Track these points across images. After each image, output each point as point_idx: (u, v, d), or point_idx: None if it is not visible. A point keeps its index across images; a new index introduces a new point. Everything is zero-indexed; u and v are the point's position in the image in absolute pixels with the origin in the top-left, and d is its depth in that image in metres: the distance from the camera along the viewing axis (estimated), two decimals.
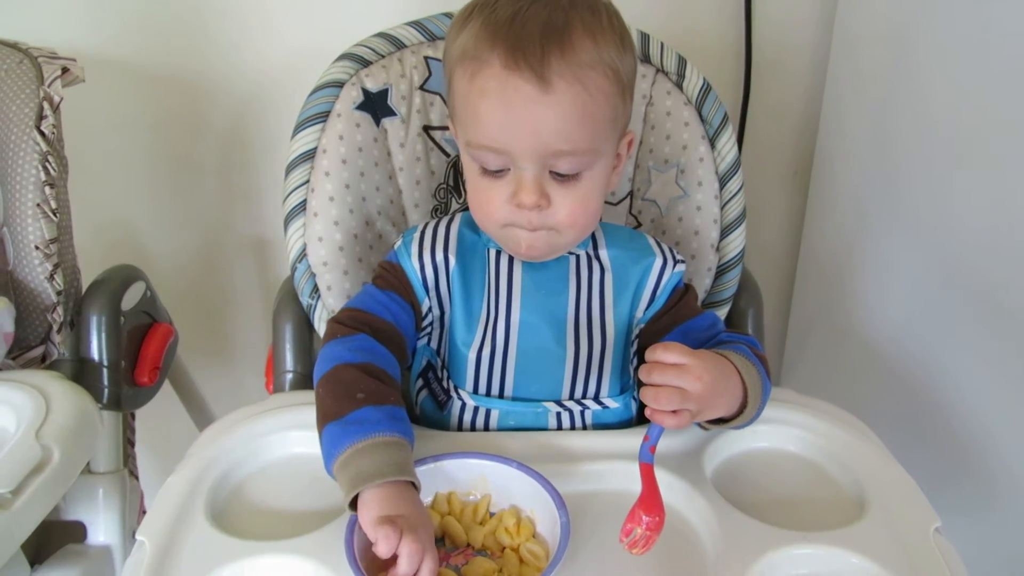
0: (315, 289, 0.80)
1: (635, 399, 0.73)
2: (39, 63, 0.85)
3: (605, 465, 0.64)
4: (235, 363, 1.29)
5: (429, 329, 0.72)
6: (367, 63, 0.81)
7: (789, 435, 0.68)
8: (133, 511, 0.90)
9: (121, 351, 0.86)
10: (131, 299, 0.89)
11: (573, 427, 0.70)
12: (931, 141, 0.85)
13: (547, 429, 0.69)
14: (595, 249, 0.71)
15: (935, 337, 0.87)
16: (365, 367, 0.62)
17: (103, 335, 0.85)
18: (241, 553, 0.55)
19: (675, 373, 0.58)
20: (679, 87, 0.83)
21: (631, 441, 0.65)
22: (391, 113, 0.82)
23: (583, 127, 0.60)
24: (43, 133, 0.81)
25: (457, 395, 0.70)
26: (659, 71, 0.83)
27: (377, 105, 0.81)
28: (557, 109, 0.59)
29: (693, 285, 0.78)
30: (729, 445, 0.67)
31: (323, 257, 0.79)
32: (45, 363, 0.84)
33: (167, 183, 1.16)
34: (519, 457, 0.61)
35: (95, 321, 0.85)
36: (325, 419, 0.59)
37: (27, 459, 0.64)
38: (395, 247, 0.72)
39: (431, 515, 0.59)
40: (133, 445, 0.96)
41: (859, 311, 1.01)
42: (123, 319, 0.87)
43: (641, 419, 0.73)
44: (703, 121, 0.83)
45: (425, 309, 0.70)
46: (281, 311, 0.83)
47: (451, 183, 0.86)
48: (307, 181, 0.79)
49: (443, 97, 0.83)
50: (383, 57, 0.82)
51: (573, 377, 0.69)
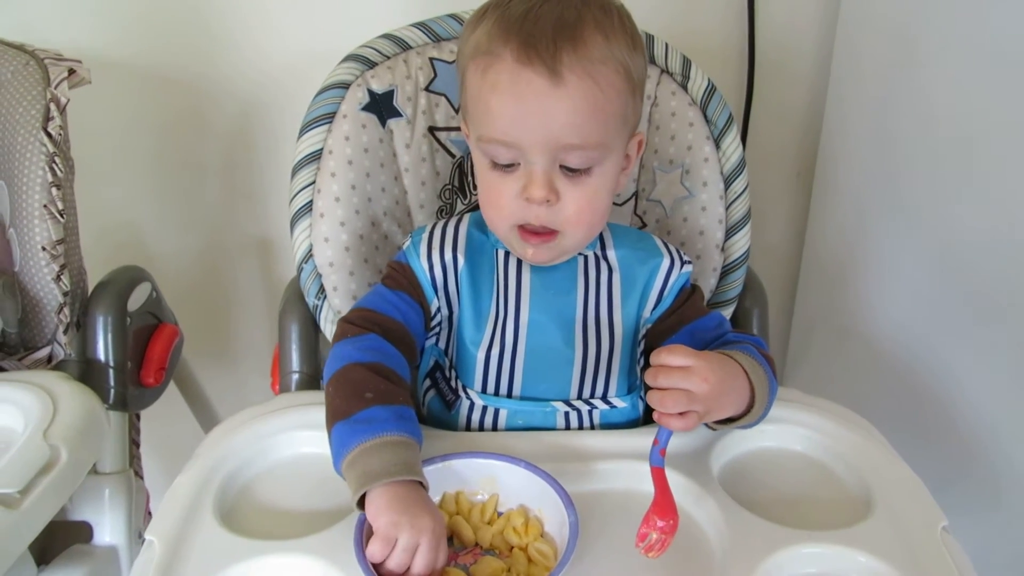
0: (321, 289, 0.80)
1: (642, 399, 0.73)
2: (45, 65, 0.85)
3: (613, 464, 0.64)
4: (239, 364, 1.29)
5: (437, 329, 0.72)
6: (373, 64, 0.81)
7: (795, 435, 0.68)
8: (139, 511, 0.90)
9: (127, 352, 0.87)
10: (137, 300, 0.89)
11: (581, 427, 0.70)
12: (933, 142, 0.85)
13: (555, 429, 0.70)
14: (603, 250, 0.72)
15: (939, 336, 0.87)
16: (374, 367, 0.62)
17: (109, 336, 0.85)
18: (250, 553, 0.56)
19: (680, 376, 0.58)
20: (684, 88, 0.83)
21: (639, 440, 0.66)
22: (397, 114, 0.82)
23: (594, 121, 0.61)
24: (50, 134, 0.81)
25: (466, 394, 0.70)
26: (664, 72, 0.83)
27: (383, 106, 0.81)
28: (568, 102, 0.59)
29: (699, 285, 0.78)
30: (736, 445, 0.67)
31: (329, 258, 0.79)
32: (51, 364, 0.84)
33: (172, 184, 1.17)
34: (527, 457, 0.61)
35: (101, 322, 0.85)
36: (334, 418, 0.59)
37: (35, 459, 0.64)
38: (403, 247, 0.72)
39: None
40: (138, 446, 0.96)
41: (863, 311, 1.01)
42: (129, 320, 0.87)
43: (648, 419, 0.73)
44: (708, 122, 0.83)
45: (434, 309, 0.70)
46: (287, 312, 0.83)
47: (456, 184, 0.86)
48: (313, 182, 0.80)
49: (448, 98, 0.83)
50: (389, 58, 0.82)
51: (581, 377, 0.69)
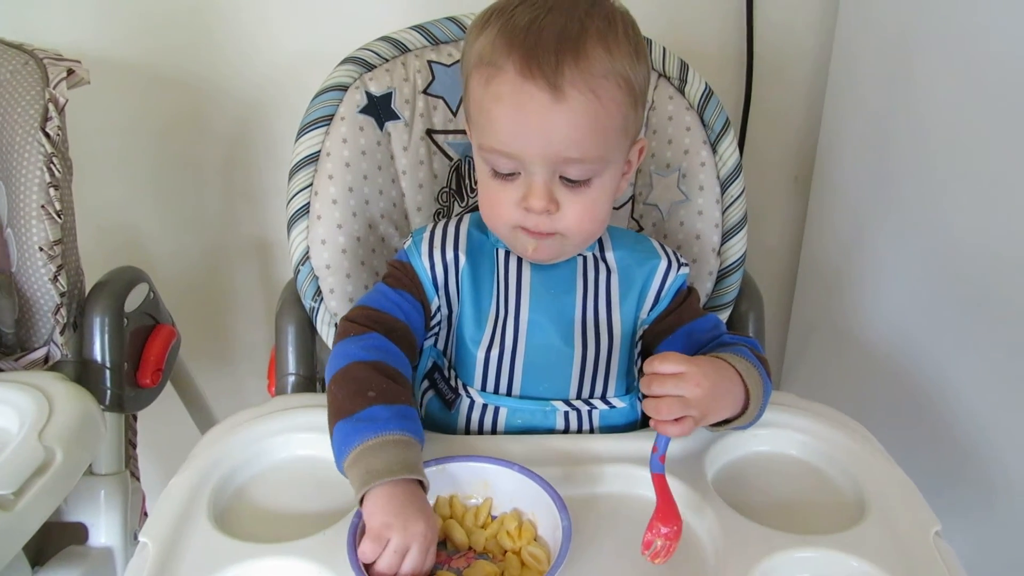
0: (318, 292, 0.81)
1: (640, 400, 0.74)
2: (44, 64, 0.85)
3: (607, 468, 0.64)
4: (237, 365, 1.30)
5: (436, 329, 0.72)
6: (371, 67, 0.82)
7: (790, 439, 0.68)
8: (135, 513, 0.90)
9: (124, 353, 0.87)
10: (134, 301, 0.89)
11: (580, 427, 0.70)
12: (929, 147, 0.85)
13: (555, 428, 0.70)
14: (601, 251, 0.72)
15: (934, 341, 0.87)
16: (377, 365, 0.62)
17: (106, 337, 0.85)
18: (244, 555, 0.56)
19: (674, 383, 0.58)
20: (681, 92, 0.83)
21: (632, 444, 0.66)
22: (394, 117, 0.82)
23: (594, 136, 0.61)
24: (48, 135, 0.82)
25: (466, 393, 0.70)
26: (661, 76, 0.84)
27: (381, 109, 0.81)
28: (569, 117, 0.60)
29: (696, 288, 0.78)
30: (730, 449, 0.67)
31: (326, 260, 0.80)
32: (48, 364, 0.84)
33: (170, 185, 1.17)
34: (522, 460, 0.61)
35: (98, 323, 0.85)
36: (336, 416, 0.59)
37: (30, 460, 0.64)
38: (404, 246, 0.72)
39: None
40: (135, 447, 0.96)
41: (859, 315, 1.01)
42: (126, 321, 0.87)
43: (646, 422, 0.73)
44: (705, 126, 0.83)
45: (434, 308, 0.71)
46: (284, 314, 0.83)
47: (454, 187, 0.86)
48: (310, 184, 0.80)
49: (446, 101, 0.84)
50: (387, 61, 0.82)
51: (580, 376, 0.70)
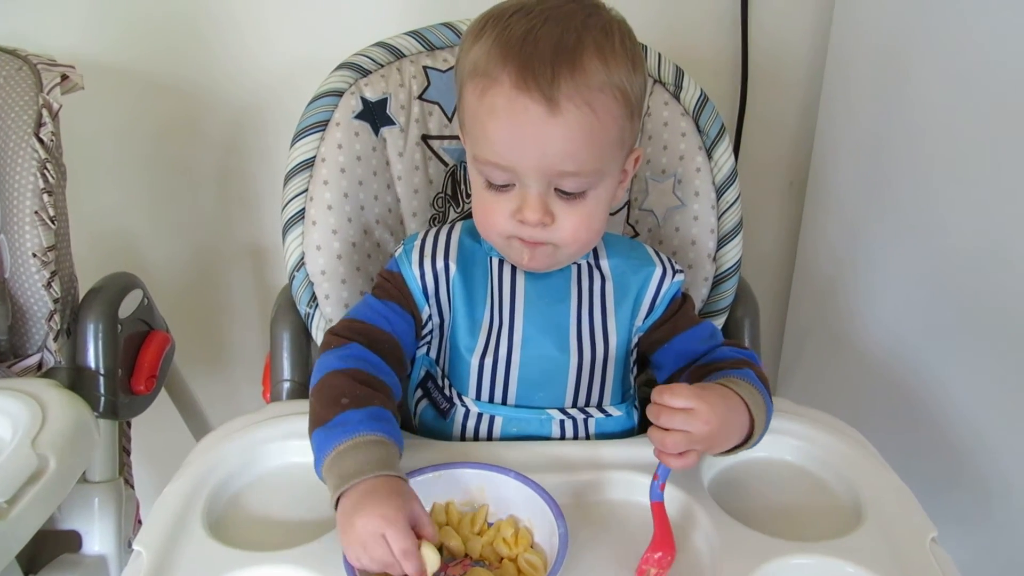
0: (313, 298, 0.80)
1: (636, 407, 0.74)
2: (38, 70, 0.85)
3: (603, 475, 0.64)
4: (231, 371, 1.29)
5: (429, 338, 0.72)
6: (366, 72, 0.81)
7: (786, 445, 0.68)
8: (129, 520, 0.90)
9: (118, 359, 0.86)
10: (128, 307, 0.89)
11: (576, 435, 0.70)
12: (923, 153, 0.86)
13: (550, 437, 0.70)
14: (596, 259, 0.72)
15: (929, 346, 0.88)
16: (352, 372, 0.62)
17: (100, 343, 0.85)
18: (238, 563, 0.55)
19: (683, 418, 0.57)
20: (676, 98, 0.84)
21: (630, 451, 0.66)
22: (390, 122, 0.82)
23: (590, 149, 0.60)
24: (42, 140, 0.81)
25: (461, 402, 0.70)
26: (657, 82, 0.84)
27: (376, 114, 0.81)
28: (565, 131, 0.59)
29: (690, 295, 0.78)
30: (726, 455, 0.67)
31: (321, 266, 0.79)
32: (41, 371, 0.84)
33: (165, 191, 1.17)
34: (518, 467, 0.61)
35: (92, 329, 0.84)
36: (313, 426, 0.60)
37: (23, 468, 0.63)
38: (395, 255, 0.72)
39: None
40: (129, 454, 0.95)
41: (855, 320, 1.02)
42: (120, 327, 0.87)
43: (643, 428, 0.73)
44: (700, 132, 0.83)
45: (425, 317, 0.70)
46: (279, 320, 0.83)
47: (449, 192, 0.86)
48: (306, 190, 0.80)
49: (442, 107, 0.84)
50: (382, 67, 0.82)
51: (576, 385, 0.69)
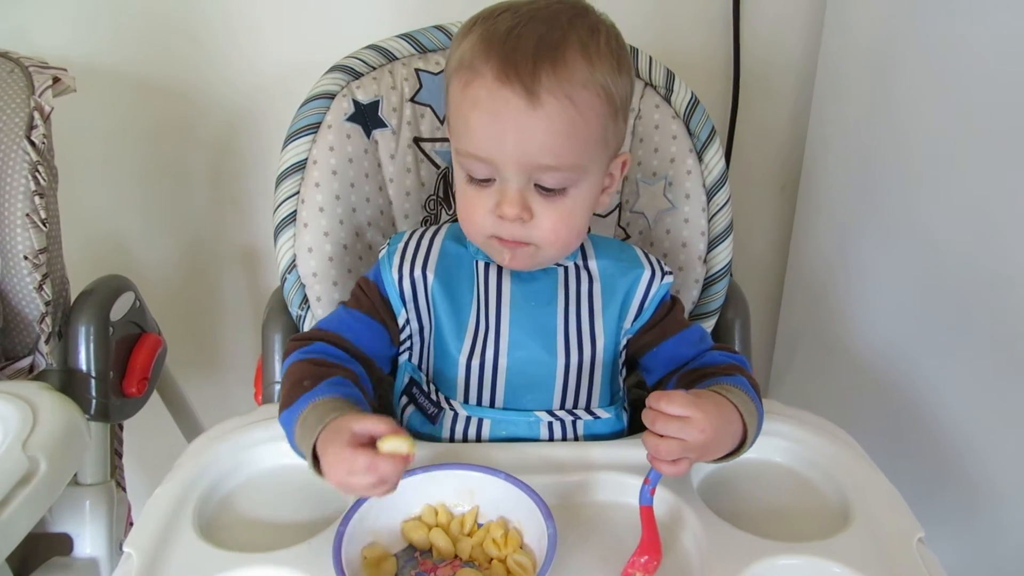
0: (305, 300, 0.80)
1: (625, 409, 0.74)
2: (30, 72, 0.85)
3: (593, 476, 0.64)
4: (224, 373, 1.29)
5: (409, 343, 0.72)
6: (358, 75, 0.82)
7: (775, 446, 0.69)
8: (120, 523, 0.89)
9: (109, 362, 0.86)
10: (120, 309, 0.89)
11: (565, 437, 0.70)
12: (911, 159, 0.86)
13: (539, 439, 0.70)
14: (584, 260, 0.72)
15: (918, 349, 0.88)
16: (314, 360, 0.64)
17: (91, 345, 0.85)
18: (229, 565, 0.55)
19: (679, 426, 0.57)
20: (667, 101, 0.84)
21: (619, 452, 0.66)
22: (382, 125, 0.82)
23: (570, 143, 0.61)
24: (33, 143, 0.81)
25: (449, 406, 0.70)
26: (648, 85, 0.84)
27: (368, 117, 0.82)
28: (545, 123, 0.59)
29: (680, 298, 0.78)
30: (717, 462, 0.67)
31: (313, 268, 0.80)
32: (33, 374, 0.84)
33: (157, 193, 1.16)
34: (508, 468, 0.61)
35: (83, 331, 0.84)
36: (280, 411, 0.62)
37: (13, 471, 0.63)
38: (380, 254, 0.72)
39: (419, 527, 0.60)
40: (121, 456, 0.95)
41: (845, 323, 1.02)
42: (112, 329, 0.87)
43: (632, 430, 0.74)
44: (691, 135, 0.84)
45: (402, 322, 0.70)
46: (270, 322, 0.83)
47: (441, 194, 0.86)
48: (297, 192, 0.80)
49: (433, 109, 0.84)
50: (374, 69, 0.82)
51: (564, 387, 0.70)
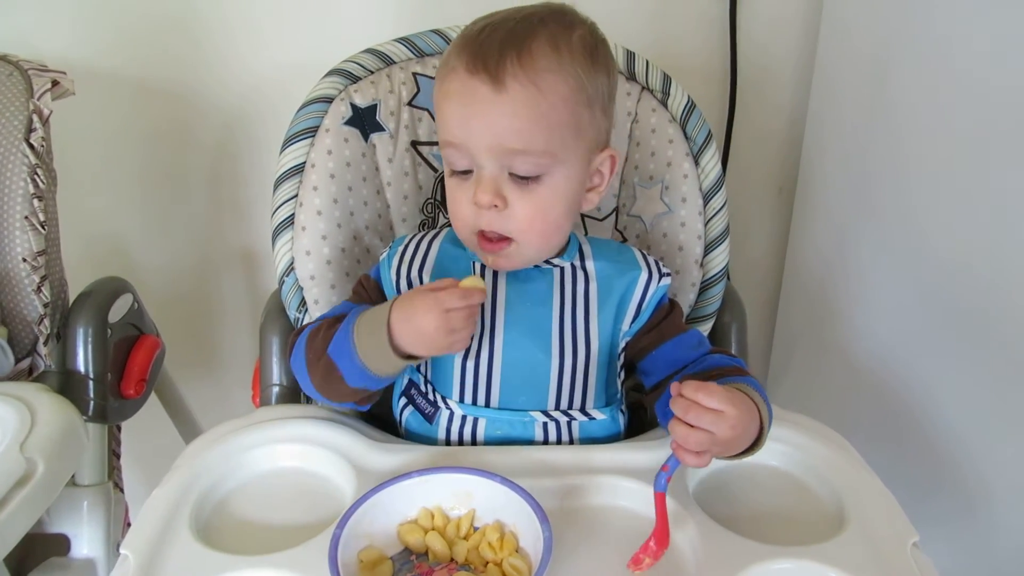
0: (303, 303, 0.81)
1: (622, 412, 0.74)
2: (29, 75, 0.85)
3: (589, 480, 0.64)
4: (222, 375, 1.29)
5: None
6: (356, 79, 0.82)
7: (770, 450, 0.68)
8: (118, 524, 0.90)
9: (107, 363, 0.86)
10: (118, 311, 0.89)
11: (560, 437, 0.70)
12: (906, 162, 0.86)
13: (534, 439, 0.70)
14: (581, 260, 0.73)
15: (915, 353, 0.88)
16: (328, 320, 0.70)
17: (89, 347, 0.85)
18: (225, 567, 0.56)
19: (712, 418, 0.57)
20: (664, 105, 0.84)
21: (615, 456, 0.66)
22: (379, 128, 0.83)
23: (537, 127, 0.63)
24: (32, 146, 0.82)
25: (445, 405, 0.70)
26: (644, 88, 0.84)
27: (366, 120, 0.82)
28: (510, 107, 0.63)
29: (678, 301, 0.79)
30: (729, 459, 0.67)
31: (310, 271, 0.80)
32: (32, 375, 0.84)
33: (156, 195, 1.17)
34: (504, 472, 0.61)
35: (82, 333, 0.85)
36: (321, 355, 0.66)
37: (11, 472, 0.63)
38: (381, 257, 0.75)
39: (415, 530, 0.60)
40: (119, 457, 0.95)
41: (842, 326, 1.02)
42: (110, 331, 0.87)
43: (629, 433, 0.74)
44: (687, 139, 0.84)
45: None
46: (268, 324, 0.83)
47: (439, 198, 0.86)
48: (295, 195, 0.80)
49: (431, 113, 0.84)
50: (372, 73, 0.83)
51: (558, 387, 0.70)
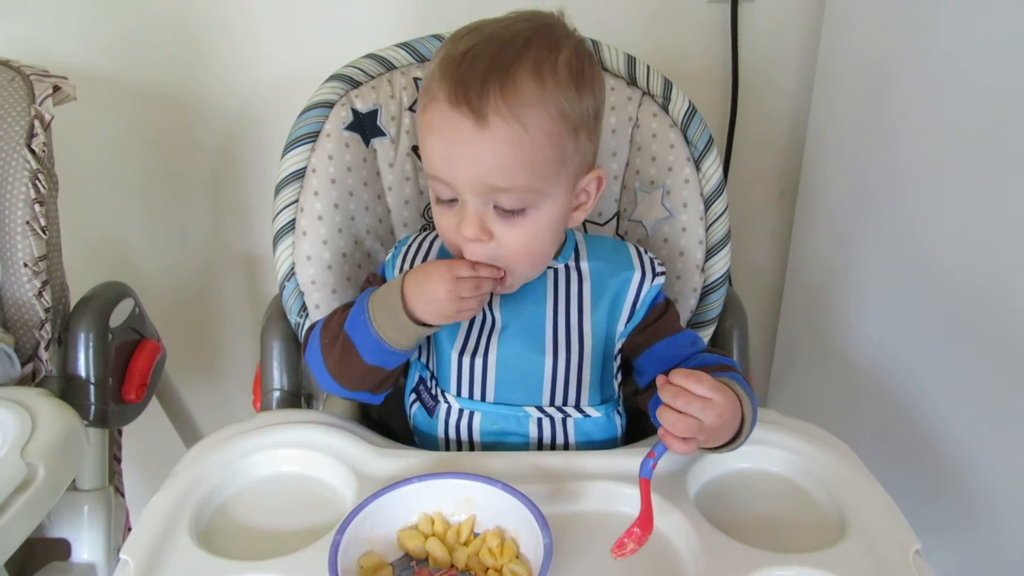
0: (303, 307, 0.81)
1: (619, 413, 0.74)
2: (31, 81, 0.85)
3: (589, 485, 0.64)
4: (224, 379, 1.29)
5: None
6: (357, 84, 0.82)
7: (772, 456, 0.69)
8: (118, 529, 0.90)
9: (108, 368, 0.86)
10: (119, 316, 0.89)
11: (554, 434, 0.71)
12: (905, 168, 0.87)
13: (528, 435, 0.71)
14: (576, 260, 0.73)
15: (917, 358, 0.88)
16: (340, 307, 0.71)
17: (90, 352, 0.85)
18: (225, 572, 0.56)
19: (700, 405, 0.58)
20: (665, 110, 0.84)
21: (615, 461, 0.66)
22: (380, 133, 0.83)
23: (521, 165, 0.61)
24: (33, 151, 0.82)
25: (444, 399, 0.72)
26: (645, 94, 0.84)
27: (367, 125, 0.82)
28: (493, 145, 0.60)
29: (677, 307, 0.78)
30: (712, 466, 0.67)
31: (311, 276, 0.80)
32: (34, 380, 0.84)
33: (157, 200, 1.17)
34: (504, 477, 0.61)
35: (83, 338, 0.85)
36: (338, 332, 0.67)
37: (12, 477, 0.63)
38: (386, 258, 0.76)
39: (416, 535, 0.60)
40: (119, 462, 0.95)
41: (844, 330, 1.02)
42: (111, 336, 0.87)
43: (628, 438, 0.74)
44: (688, 143, 0.84)
45: None
46: (269, 329, 0.83)
47: None
48: (296, 200, 0.80)
49: None
50: (373, 78, 0.83)
51: (552, 384, 0.70)
